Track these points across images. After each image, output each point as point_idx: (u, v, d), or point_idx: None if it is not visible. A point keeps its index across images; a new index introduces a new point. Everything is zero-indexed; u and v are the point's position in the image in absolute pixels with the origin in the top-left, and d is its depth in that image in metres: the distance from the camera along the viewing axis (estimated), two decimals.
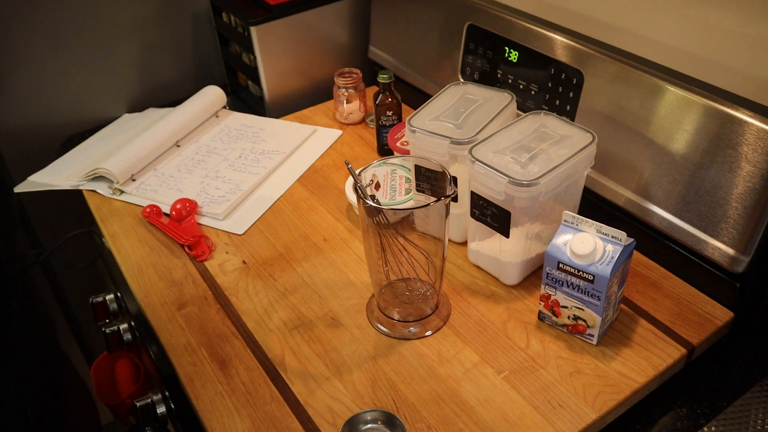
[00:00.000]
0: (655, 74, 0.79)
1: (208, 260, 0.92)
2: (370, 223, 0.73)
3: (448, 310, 0.81)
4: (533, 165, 0.75)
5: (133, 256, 0.94)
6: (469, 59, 1.05)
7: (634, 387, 0.71)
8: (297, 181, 1.08)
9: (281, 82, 1.28)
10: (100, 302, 0.99)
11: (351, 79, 1.18)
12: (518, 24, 0.95)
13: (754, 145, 0.70)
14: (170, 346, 0.79)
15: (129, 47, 1.29)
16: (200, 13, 1.34)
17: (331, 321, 0.81)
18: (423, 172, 0.81)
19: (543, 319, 0.78)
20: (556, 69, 0.91)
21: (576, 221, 0.73)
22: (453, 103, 0.88)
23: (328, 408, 0.70)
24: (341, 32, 1.30)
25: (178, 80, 1.37)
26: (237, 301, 0.85)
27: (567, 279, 0.72)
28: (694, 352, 0.76)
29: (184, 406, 0.76)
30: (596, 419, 0.68)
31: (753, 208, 0.72)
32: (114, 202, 1.05)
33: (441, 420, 0.68)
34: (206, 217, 1.00)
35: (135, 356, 1.03)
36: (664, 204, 0.81)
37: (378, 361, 0.75)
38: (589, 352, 0.75)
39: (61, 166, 1.16)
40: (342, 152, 1.15)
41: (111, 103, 1.31)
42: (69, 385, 0.95)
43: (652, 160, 0.81)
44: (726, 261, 0.76)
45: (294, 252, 0.93)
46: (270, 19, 1.19)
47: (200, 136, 1.20)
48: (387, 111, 1.08)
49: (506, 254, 0.81)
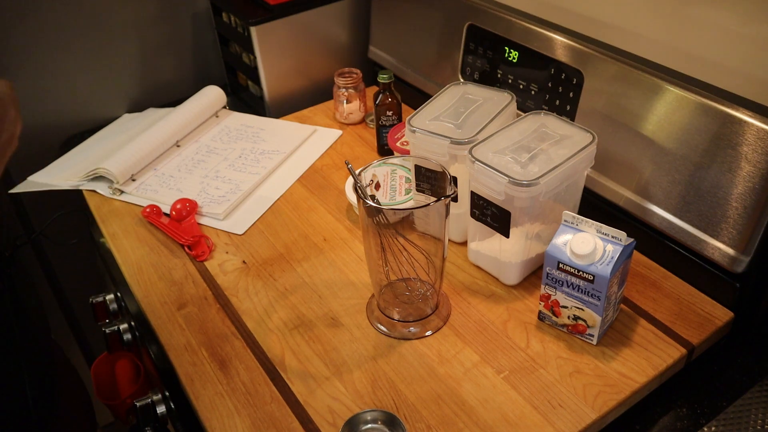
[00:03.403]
0: (654, 74, 0.79)
1: (208, 260, 0.92)
2: (370, 223, 0.73)
3: (448, 310, 0.81)
4: (533, 165, 0.75)
5: (133, 256, 0.94)
6: (469, 59, 1.05)
7: (634, 387, 0.71)
8: (297, 181, 1.08)
9: (281, 82, 1.27)
10: (100, 302, 0.99)
11: (351, 79, 1.18)
12: (518, 24, 0.95)
13: (754, 145, 0.70)
14: (170, 346, 0.79)
15: (129, 47, 1.29)
16: (200, 13, 1.34)
17: (331, 321, 0.81)
18: (423, 172, 0.81)
19: (543, 319, 0.78)
20: (556, 69, 0.91)
21: (576, 221, 0.73)
22: (453, 103, 0.88)
23: (328, 408, 0.70)
24: (341, 32, 1.30)
25: (178, 80, 1.37)
26: (237, 301, 0.85)
27: (567, 279, 0.72)
28: (694, 352, 0.76)
29: (184, 406, 0.76)
30: (596, 419, 0.68)
31: (753, 208, 0.72)
32: (114, 202, 1.05)
33: (441, 420, 0.68)
34: (206, 217, 1.00)
35: (135, 356, 1.03)
36: (664, 204, 0.81)
37: (378, 361, 0.75)
38: (589, 352, 0.75)
39: (61, 166, 1.16)
40: (342, 152, 1.15)
41: (111, 103, 1.31)
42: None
43: (652, 160, 0.81)
44: (726, 261, 0.76)
45: (294, 252, 0.93)
46: (270, 19, 1.19)
47: (200, 136, 1.20)
48: (387, 111, 1.08)
49: (506, 254, 0.81)
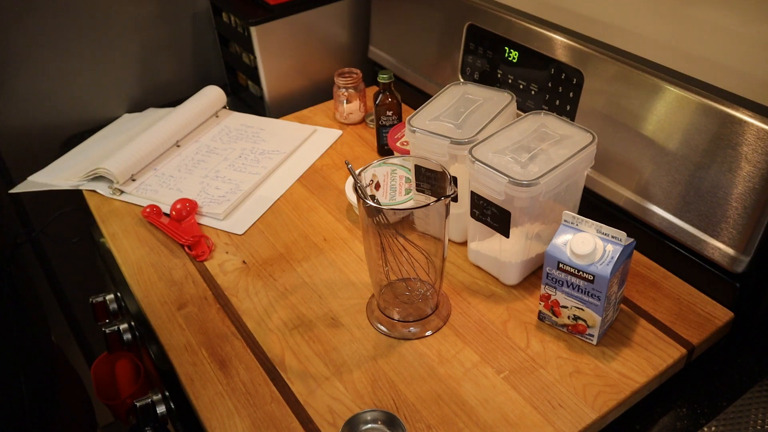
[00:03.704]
0: (654, 74, 0.79)
1: (208, 260, 0.92)
2: (370, 223, 0.72)
3: (448, 310, 0.81)
4: (533, 165, 0.75)
5: (133, 256, 0.94)
6: (469, 59, 1.05)
7: (634, 387, 0.71)
8: (297, 181, 1.08)
9: (281, 82, 1.27)
10: (100, 302, 0.99)
11: (351, 79, 1.18)
12: (518, 24, 0.95)
13: (754, 145, 0.70)
14: (170, 346, 0.79)
15: (129, 47, 1.29)
16: (200, 13, 1.34)
17: (331, 321, 0.81)
18: (423, 172, 0.81)
19: (543, 319, 0.78)
20: (556, 69, 0.91)
21: (576, 221, 0.73)
22: (453, 103, 0.88)
23: (328, 408, 0.70)
24: (341, 32, 1.30)
25: (178, 80, 1.37)
26: (237, 301, 0.85)
27: (567, 279, 0.72)
28: (694, 352, 0.76)
29: (184, 406, 0.76)
30: (596, 419, 0.68)
31: (753, 208, 0.72)
32: (114, 202, 1.05)
33: (441, 420, 0.68)
34: (206, 217, 1.00)
35: (135, 356, 1.03)
36: (664, 204, 0.81)
37: (378, 361, 0.75)
38: (589, 352, 0.75)
39: (61, 166, 1.16)
40: (342, 152, 1.15)
41: (111, 103, 1.31)
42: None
43: (652, 160, 0.81)
44: (726, 261, 0.76)
45: (294, 252, 0.93)
46: (270, 19, 1.19)
47: (200, 136, 1.20)
48: (387, 111, 1.08)
49: (506, 254, 0.81)
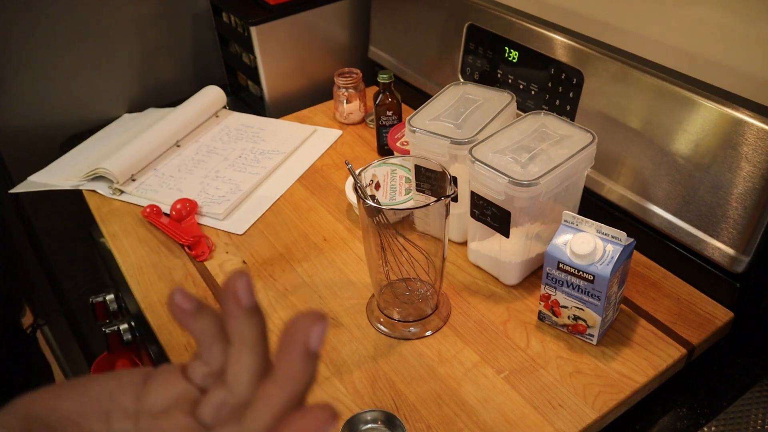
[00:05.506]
0: (655, 74, 0.79)
1: (208, 260, 0.92)
2: (370, 223, 0.72)
3: (448, 310, 0.81)
4: (533, 165, 0.75)
5: (133, 256, 0.94)
6: (469, 59, 1.05)
7: (634, 387, 0.71)
8: (297, 181, 1.08)
9: (281, 82, 1.27)
10: (100, 302, 0.99)
11: (351, 79, 1.18)
12: (518, 24, 0.95)
13: (754, 145, 0.70)
14: (170, 346, 0.79)
15: (129, 47, 1.29)
16: (200, 13, 1.34)
17: (331, 321, 0.81)
18: (423, 172, 0.81)
19: (543, 319, 0.78)
20: (556, 69, 0.91)
21: (576, 221, 0.73)
22: (453, 103, 0.88)
23: None
24: (341, 32, 1.30)
25: (178, 80, 1.37)
26: None
27: (567, 279, 0.72)
28: (694, 352, 0.76)
29: None
30: (596, 419, 0.68)
31: (753, 208, 0.72)
32: (114, 202, 1.05)
33: (441, 420, 0.68)
34: (206, 217, 1.00)
35: (135, 356, 1.03)
36: (664, 204, 0.81)
37: (378, 361, 0.75)
38: (589, 352, 0.75)
39: (61, 166, 1.16)
40: (342, 152, 1.15)
41: (111, 103, 1.31)
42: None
43: (652, 160, 0.81)
44: (726, 261, 0.76)
45: (294, 252, 0.93)
46: (270, 19, 1.19)
47: (200, 136, 1.20)
48: (387, 111, 1.08)
49: (506, 254, 0.81)
